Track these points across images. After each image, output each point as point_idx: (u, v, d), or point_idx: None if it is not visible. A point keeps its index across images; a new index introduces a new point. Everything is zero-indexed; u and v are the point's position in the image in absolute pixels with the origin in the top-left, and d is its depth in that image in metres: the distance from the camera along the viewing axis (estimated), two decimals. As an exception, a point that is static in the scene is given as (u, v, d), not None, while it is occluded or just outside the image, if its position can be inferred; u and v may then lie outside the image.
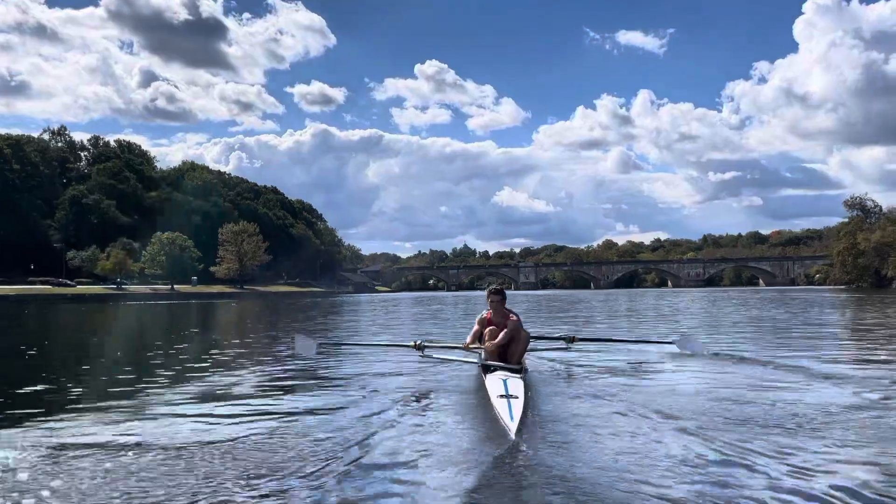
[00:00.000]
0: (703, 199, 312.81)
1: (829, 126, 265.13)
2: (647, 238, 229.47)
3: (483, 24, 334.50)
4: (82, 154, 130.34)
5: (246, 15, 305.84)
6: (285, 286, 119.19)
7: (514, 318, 7.55)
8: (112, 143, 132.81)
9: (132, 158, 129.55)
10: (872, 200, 76.27)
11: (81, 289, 76.66)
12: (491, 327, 7.47)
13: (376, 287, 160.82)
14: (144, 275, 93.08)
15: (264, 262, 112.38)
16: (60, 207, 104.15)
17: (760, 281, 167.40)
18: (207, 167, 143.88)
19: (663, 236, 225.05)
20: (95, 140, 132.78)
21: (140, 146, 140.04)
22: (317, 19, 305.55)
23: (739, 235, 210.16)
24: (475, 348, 7.37)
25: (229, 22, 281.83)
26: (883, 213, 74.37)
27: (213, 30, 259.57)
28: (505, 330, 7.29)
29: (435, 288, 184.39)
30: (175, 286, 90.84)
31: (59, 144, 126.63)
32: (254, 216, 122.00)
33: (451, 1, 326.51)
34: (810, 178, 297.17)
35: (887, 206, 75.39)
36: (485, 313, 7.80)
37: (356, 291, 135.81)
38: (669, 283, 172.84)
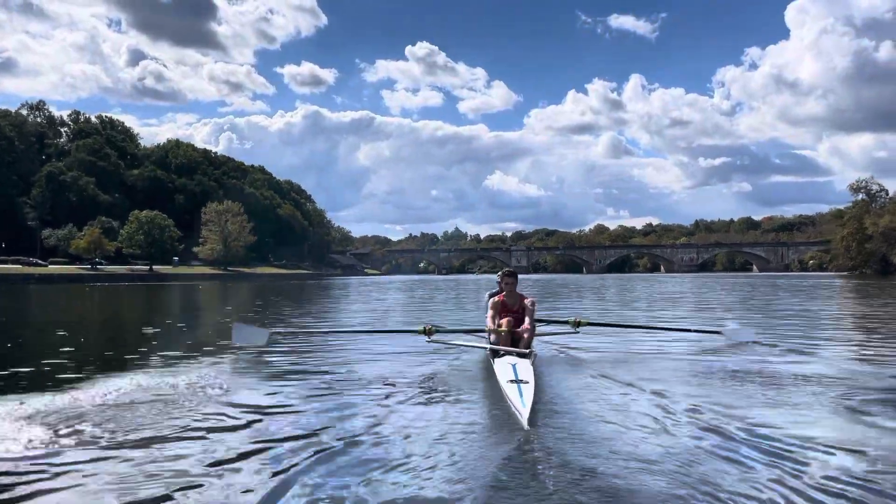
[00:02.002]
0: (692, 185, 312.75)
1: (818, 113, 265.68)
2: (638, 223, 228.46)
3: (474, 6, 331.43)
4: (62, 130, 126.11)
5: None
6: (271, 268, 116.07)
7: (529, 300, 7.52)
8: (93, 119, 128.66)
9: (114, 135, 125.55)
10: (878, 184, 73.49)
11: (52, 269, 73.17)
12: (505, 311, 7.38)
13: (366, 270, 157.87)
14: (123, 255, 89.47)
15: (249, 243, 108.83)
16: (37, 184, 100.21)
17: (754, 267, 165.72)
18: (193, 145, 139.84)
19: (654, 221, 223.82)
20: (76, 116, 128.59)
21: (123, 123, 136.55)
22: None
23: (731, 221, 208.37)
24: (493, 330, 7.24)
25: (218, 1, 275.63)
26: (889, 197, 71.60)
27: (202, 8, 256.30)
28: (529, 322, 7.22)
29: (425, 271, 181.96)
30: (155, 267, 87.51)
31: (38, 120, 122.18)
32: (240, 196, 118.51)
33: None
34: (799, 165, 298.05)
35: (894, 190, 72.48)
36: (496, 297, 7.65)
37: (345, 274, 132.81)
38: (662, 268, 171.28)
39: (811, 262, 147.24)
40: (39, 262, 78.26)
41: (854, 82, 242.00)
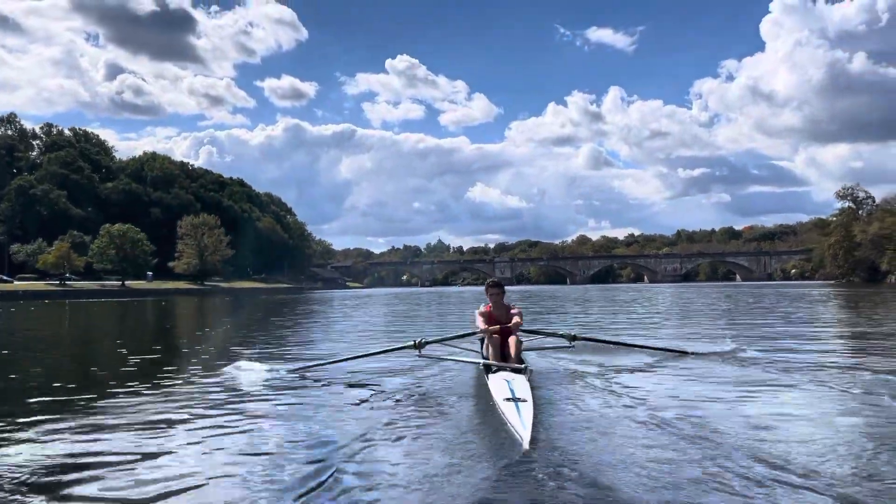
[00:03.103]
0: (672, 196, 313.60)
1: (794, 124, 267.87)
2: (620, 233, 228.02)
3: (454, 20, 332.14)
4: (34, 143, 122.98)
5: (214, 7, 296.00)
6: (250, 282, 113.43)
7: (516, 310, 7.40)
8: (67, 132, 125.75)
9: (88, 148, 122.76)
10: (864, 191, 72.64)
11: (18, 285, 70.21)
12: (492, 323, 7.23)
13: (347, 283, 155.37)
14: (94, 270, 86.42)
15: (226, 257, 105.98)
16: (6, 198, 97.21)
17: (737, 276, 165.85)
18: (169, 158, 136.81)
19: (635, 232, 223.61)
20: (48, 128, 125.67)
21: (98, 136, 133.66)
22: (287, 13, 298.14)
23: (713, 231, 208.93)
24: (485, 331, 7.15)
25: (197, 14, 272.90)
26: (876, 204, 70.72)
27: (180, 22, 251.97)
28: (516, 320, 7.16)
29: (408, 284, 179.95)
30: (128, 282, 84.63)
31: (9, 133, 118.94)
32: (218, 208, 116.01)
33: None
34: (777, 175, 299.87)
35: (882, 196, 71.42)
36: (483, 307, 7.57)
37: (326, 287, 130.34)
38: (646, 279, 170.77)
39: (793, 270, 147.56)
40: (5, 277, 75.24)
41: (828, 93, 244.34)
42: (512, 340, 6.99)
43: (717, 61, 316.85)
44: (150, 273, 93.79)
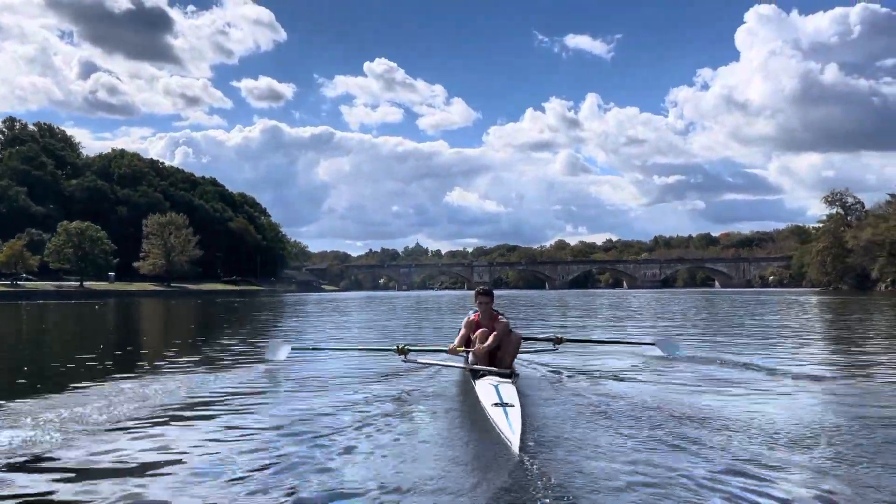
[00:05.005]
0: (648, 202, 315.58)
1: (768, 133, 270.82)
2: (598, 239, 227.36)
3: (432, 24, 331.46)
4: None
5: (191, 7, 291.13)
6: (220, 284, 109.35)
7: (503, 319, 7.35)
8: (31, 127, 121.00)
9: (52, 143, 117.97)
10: (853, 197, 70.97)
11: (-35, 285, 65.82)
12: (480, 330, 7.20)
13: (322, 286, 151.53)
14: (51, 270, 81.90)
15: (195, 258, 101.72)
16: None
17: (716, 282, 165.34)
18: (139, 155, 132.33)
19: (613, 237, 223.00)
20: (11, 122, 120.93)
21: (64, 131, 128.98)
22: (265, 13, 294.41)
23: (690, 237, 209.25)
24: (462, 351, 7.20)
25: (174, 13, 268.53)
26: (866, 209, 69.00)
27: (157, 21, 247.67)
28: (494, 333, 6.99)
29: (386, 287, 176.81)
30: (87, 283, 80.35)
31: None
32: (188, 208, 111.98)
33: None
34: (751, 183, 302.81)
35: (873, 202, 69.45)
36: (471, 315, 7.51)
37: (300, 290, 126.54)
38: (625, 284, 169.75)
39: (771, 277, 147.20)
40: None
41: (801, 103, 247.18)
42: (504, 347, 6.92)
43: (693, 70, 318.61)
44: (112, 274, 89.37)
